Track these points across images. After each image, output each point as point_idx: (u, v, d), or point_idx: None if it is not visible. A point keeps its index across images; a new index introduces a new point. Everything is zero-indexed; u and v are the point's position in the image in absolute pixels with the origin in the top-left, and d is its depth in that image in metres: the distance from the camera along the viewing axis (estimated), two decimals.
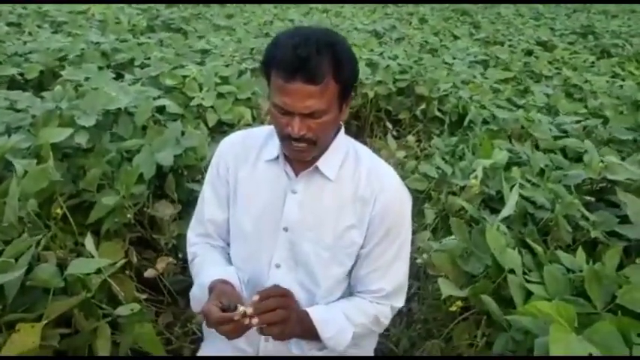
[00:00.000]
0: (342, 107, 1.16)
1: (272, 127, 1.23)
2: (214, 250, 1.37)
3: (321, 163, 1.22)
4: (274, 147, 1.25)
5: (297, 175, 1.24)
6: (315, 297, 1.29)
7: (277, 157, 1.25)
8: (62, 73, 2.91)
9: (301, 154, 1.17)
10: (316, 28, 1.13)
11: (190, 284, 1.33)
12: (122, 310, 1.51)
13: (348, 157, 1.26)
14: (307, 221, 1.24)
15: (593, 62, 5.81)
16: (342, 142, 1.26)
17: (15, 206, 1.46)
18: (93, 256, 1.53)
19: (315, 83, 1.05)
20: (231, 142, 1.34)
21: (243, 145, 1.31)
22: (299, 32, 1.09)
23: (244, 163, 1.29)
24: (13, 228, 1.47)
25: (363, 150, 1.30)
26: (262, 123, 2.85)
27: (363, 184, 1.23)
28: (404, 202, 1.27)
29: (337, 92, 1.10)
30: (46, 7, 6.53)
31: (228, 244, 1.38)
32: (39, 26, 5.32)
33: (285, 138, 1.14)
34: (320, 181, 1.24)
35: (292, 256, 1.26)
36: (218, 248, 1.38)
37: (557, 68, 5.29)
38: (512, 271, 1.46)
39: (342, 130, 1.28)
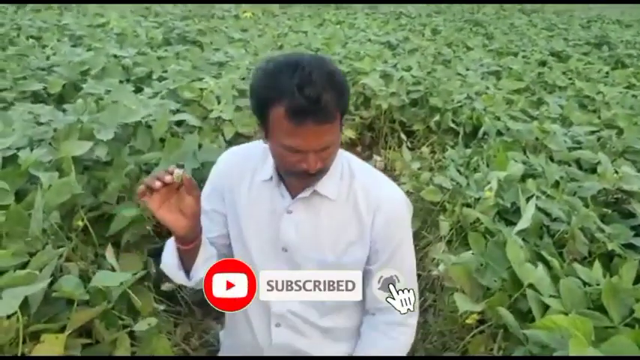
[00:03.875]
0: (341, 129, 1.12)
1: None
2: None
3: (319, 186, 1.19)
4: (269, 167, 1.22)
5: (293, 197, 1.22)
6: (323, 314, 1.29)
7: (271, 178, 1.22)
8: (83, 86, 2.97)
9: (313, 183, 1.16)
10: (306, 57, 1.03)
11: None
12: (140, 326, 1.53)
13: (343, 176, 1.22)
14: (306, 242, 1.21)
15: (607, 72, 5.76)
16: (337, 159, 1.20)
17: (40, 219, 1.49)
18: (114, 268, 1.56)
19: (329, 122, 1.01)
20: (228, 162, 1.30)
21: (240, 167, 1.27)
22: (297, 67, 0.99)
23: (242, 186, 1.26)
24: (38, 240, 1.50)
25: (355, 163, 1.26)
26: None
27: (360, 202, 1.20)
28: (401, 213, 1.24)
29: (340, 119, 1.07)
30: (65, 20, 6.68)
31: None
32: (58, 40, 5.44)
33: (299, 174, 1.10)
34: (317, 201, 1.21)
35: None
36: None
37: (570, 79, 5.26)
38: (531, 286, 1.46)
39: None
